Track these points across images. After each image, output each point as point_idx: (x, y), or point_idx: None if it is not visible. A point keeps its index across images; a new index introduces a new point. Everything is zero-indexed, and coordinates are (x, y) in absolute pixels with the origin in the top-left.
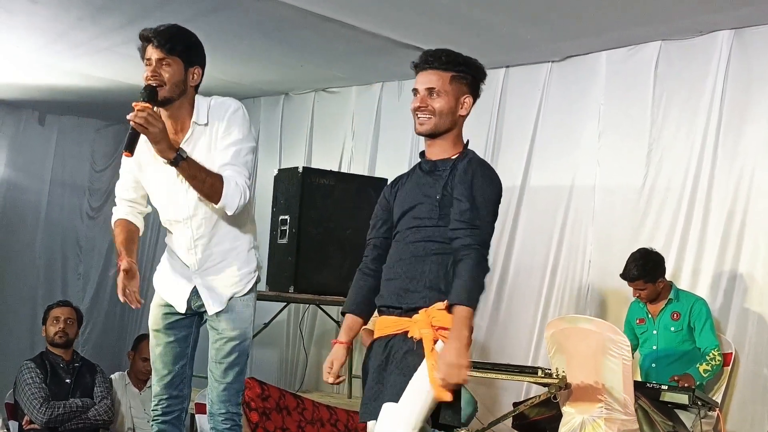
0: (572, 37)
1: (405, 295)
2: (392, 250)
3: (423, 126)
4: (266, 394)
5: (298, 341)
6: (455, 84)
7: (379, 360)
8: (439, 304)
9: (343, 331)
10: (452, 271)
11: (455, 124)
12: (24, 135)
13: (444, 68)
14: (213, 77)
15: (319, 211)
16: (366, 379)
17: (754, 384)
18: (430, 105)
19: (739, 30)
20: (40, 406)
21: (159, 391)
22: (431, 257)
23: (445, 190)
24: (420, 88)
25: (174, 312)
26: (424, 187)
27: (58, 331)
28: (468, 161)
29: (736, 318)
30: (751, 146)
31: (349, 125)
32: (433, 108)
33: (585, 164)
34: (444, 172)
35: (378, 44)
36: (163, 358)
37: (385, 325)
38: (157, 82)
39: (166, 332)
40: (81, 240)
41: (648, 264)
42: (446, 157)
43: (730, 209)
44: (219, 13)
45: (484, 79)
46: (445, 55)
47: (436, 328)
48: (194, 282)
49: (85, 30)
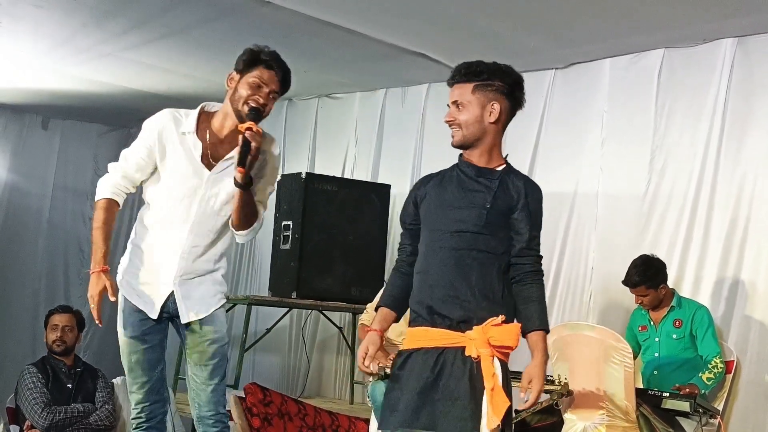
0: (576, 44)
1: (453, 304)
2: (429, 252)
3: (454, 138)
4: (268, 399)
5: (300, 347)
6: (479, 93)
7: (427, 372)
8: (495, 320)
9: (377, 322)
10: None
11: (485, 131)
12: (27, 139)
13: (466, 80)
14: (217, 83)
15: (321, 217)
16: (398, 385)
17: (755, 392)
18: (456, 118)
19: (742, 38)
20: (42, 410)
21: (141, 398)
22: (477, 266)
23: (495, 201)
24: (450, 103)
25: (149, 317)
26: (471, 193)
27: (56, 339)
28: (517, 177)
29: (738, 325)
30: (754, 154)
31: (353, 131)
32: (459, 120)
33: (588, 171)
34: (492, 183)
35: (382, 50)
36: (143, 365)
37: (431, 336)
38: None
39: (144, 338)
40: (83, 245)
41: (650, 270)
42: (491, 167)
43: (732, 216)
44: (222, 20)
45: (516, 82)
46: (465, 68)
47: (494, 346)
48: (172, 288)
49: (90, 35)
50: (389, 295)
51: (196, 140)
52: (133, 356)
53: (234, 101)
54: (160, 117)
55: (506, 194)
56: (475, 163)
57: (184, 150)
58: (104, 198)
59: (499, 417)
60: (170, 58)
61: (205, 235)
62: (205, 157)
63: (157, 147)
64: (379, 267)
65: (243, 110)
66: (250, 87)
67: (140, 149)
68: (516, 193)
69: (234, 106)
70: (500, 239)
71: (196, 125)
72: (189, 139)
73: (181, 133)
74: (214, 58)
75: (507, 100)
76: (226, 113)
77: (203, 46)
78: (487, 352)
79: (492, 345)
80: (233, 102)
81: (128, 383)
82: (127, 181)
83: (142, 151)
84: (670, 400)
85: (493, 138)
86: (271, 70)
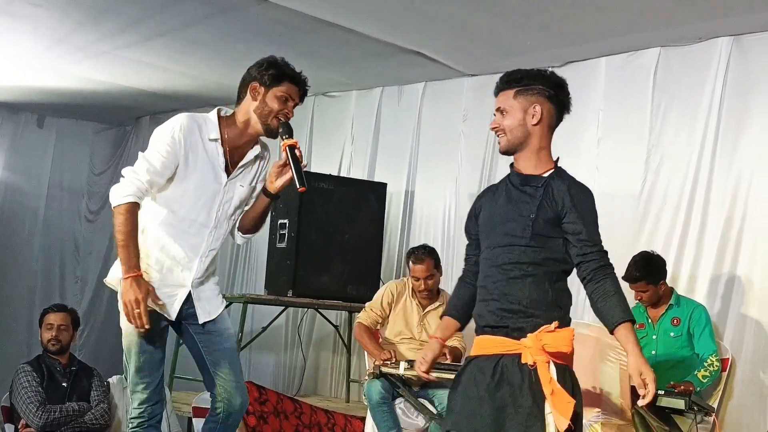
0: (572, 42)
1: (506, 315)
2: (484, 267)
3: (500, 145)
4: (264, 398)
5: (296, 345)
6: (520, 98)
7: (487, 379)
8: (548, 327)
9: (440, 330)
10: (553, 290)
11: (529, 134)
12: (23, 137)
13: (507, 87)
14: (212, 81)
15: (318, 216)
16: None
17: (750, 389)
18: (501, 124)
19: (737, 37)
20: (36, 409)
21: (146, 398)
22: (530, 279)
23: (540, 211)
24: (494, 111)
25: (162, 318)
26: (518, 204)
27: (51, 339)
28: (562, 181)
29: (734, 323)
30: (749, 152)
31: (349, 130)
32: (503, 126)
33: (584, 169)
34: (538, 191)
35: (378, 49)
36: (151, 365)
37: (490, 344)
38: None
39: (154, 339)
40: (79, 243)
41: (650, 266)
42: (537, 174)
43: (728, 215)
44: (218, 17)
45: (557, 84)
46: (507, 75)
47: (548, 353)
48: (190, 290)
49: (86, 33)
50: (453, 305)
51: (219, 146)
52: (143, 356)
53: (262, 115)
54: (183, 121)
55: (551, 201)
56: (521, 170)
57: (209, 156)
58: (129, 202)
59: (567, 417)
60: (167, 56)
61: (221, 239)
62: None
63: (182, 151)
64: (375, 265)
65: (272, 123)
66: (279, 101)
67: (166, 153)
68: (561, 198)
69: (262, 119)
70: (551, 249)
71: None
72: (213, 145)
73: (207, 139)
74: (211, 56)
75: (550, 102)
76: (249, 122)
77: (200, 44)
78: (542, 359)
79: (547, 351)
80: (261, 115)
81: (132, 383)
82: (151, 184)
83: (169, 155)
84: (666, 398)
85: (539, 141)
86: (296, 85)
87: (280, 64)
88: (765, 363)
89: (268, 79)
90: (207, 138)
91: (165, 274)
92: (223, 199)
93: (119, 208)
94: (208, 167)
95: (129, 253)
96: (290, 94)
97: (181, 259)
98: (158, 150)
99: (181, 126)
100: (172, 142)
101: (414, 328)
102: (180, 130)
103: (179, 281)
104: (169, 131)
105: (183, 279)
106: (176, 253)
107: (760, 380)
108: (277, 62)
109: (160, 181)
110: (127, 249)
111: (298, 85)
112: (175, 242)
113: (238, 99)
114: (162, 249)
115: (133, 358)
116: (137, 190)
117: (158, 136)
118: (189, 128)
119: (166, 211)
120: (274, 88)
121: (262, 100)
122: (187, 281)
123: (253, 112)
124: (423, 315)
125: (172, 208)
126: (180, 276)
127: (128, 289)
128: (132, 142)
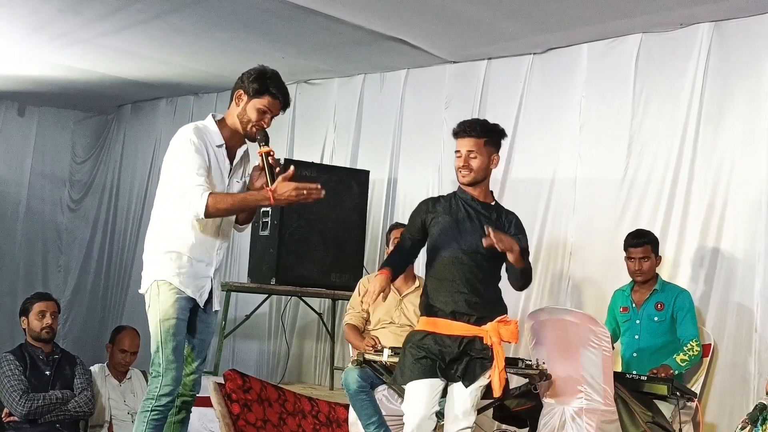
0: (554, 29)
1: (474, 307)
2: (448, 265)
3: (465, 178)
4: (247, 385)
5: (279, 333)
6: (487, 147)
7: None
8: (505, 317)
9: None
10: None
11: (487, 175)
12: (3, 127)
13: (478, 135)
14: (194, 69)
15: (300, 204)
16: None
17: (732, 375)
18: (470, 163)
19: (718, 23)
20: (20, 398)
21: (177, 375)
22: (487, 279)
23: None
24: (462, 150)
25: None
26: (479, 222)
27: (44, 327)
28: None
29: (716, 309)
30: (731, 138)
31: (331, 117)
32: (473, 166)
33: (566, 156)
34: (492, 214)
35: (360, 36)
36: (183, 347)
37: (452, 327)
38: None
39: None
40: (62, 232)
41: (651, 235)
42: (488, 202)
43: (709, 201)
44: (200, 5)
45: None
46: (480, 125)
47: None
48: (211, 279)
49: (66, 21)
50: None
51: (224, 151)
52: (178, 337)
53: (243, 122)
54: (192, 132)
55: (502, 223)
56: (478, 198)
57: (218, 161)
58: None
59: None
60: (147, 44)
61: (230, 233)
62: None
63: (204, 151)
64: (358, 253)
65: (251, 131)
66: (258, 112)
67: (196, 155)
68: (507, 223)
69: (243, 125)
70: (499, 257)
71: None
72: (222, 152)
73: (215, 146)
74: (192, 43)
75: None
76: (235, 126)
77: (180, 31)
78: (497, 341)
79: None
80: (242, 121)
81: (167, 361)
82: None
83: (200, 156)
84: (648, 383)
85: (489, 180)
86: (277, 100)
87: (266, 78)
88: (747, 347)
89: (252, 90)
90: (214, 145)
91: (196, 269)
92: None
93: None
94: (217, 171)
95: (246, 198)
96: (269, 108)
97: (205, 255)
98: (188, 156)
99: (193, 136)
100: (194, 147)
101: (393, 313)
102: (195, 136)
103: (206, 274)
104: (187, 141)
105: (207, 271)
106: (201, 250)
107: (742, 365)
108: (265, 75)
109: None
110: (246, 197)
111: (277, 99)
112: (200, 241)
113: (230, 102)
114: (191, 249)
115: (170, 339)
116: (202, 189)
117: (179, 149)
118: (199, 137)
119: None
120: (255, 99)
121: (243, 108)
122: (210, 272)
123: (236, 116)
124: (400, 299)
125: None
126: (205, 270)
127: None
128: (114, 131)
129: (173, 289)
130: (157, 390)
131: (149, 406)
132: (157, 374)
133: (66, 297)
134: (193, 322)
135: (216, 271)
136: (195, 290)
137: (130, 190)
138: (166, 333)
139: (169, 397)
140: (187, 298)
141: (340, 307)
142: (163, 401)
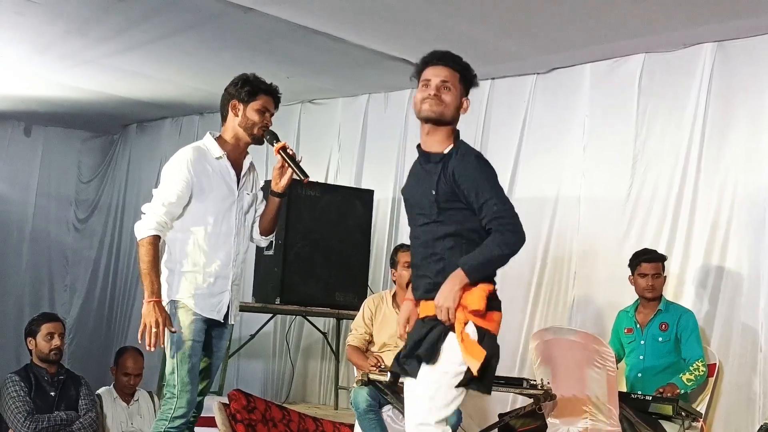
0: (557, 49)
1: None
2: (413, 247)
3: (432, 108)
4: (252, 405)
5: (284, 353)
6: (461, 84)
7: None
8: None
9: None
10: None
11: (455, 119)
12: (10, 146)
13: (454, 67)
14: (199, 89)
15: (305, 223)
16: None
17: (738, 395)
18: (442, 95)
19: (722, 43)
20: (24, 419)
21: (192, 398)
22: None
23: (438, 186)
24: (434, 79)
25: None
26: (422, 182)
27: (54, 348)
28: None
29: (721, 328)
30: (734, 157)
31: (336, 137)
32: (444, 100)
33: (570, 176)
34: (437, 167)
35: (364, 56)
36: (198, 369)
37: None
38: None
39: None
40: (67, 252)
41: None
42: (438, 151)
43: (714, 221)
44: (205, 26)
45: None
46: (453, 57)
47: (467, 310)
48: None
49: (72, 42)
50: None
51: (225, 161)
52: (194, 359)
53: (246, 128)
54: (188, 154)
55: (446, 175)
56: (427, 149)
57: (221, 173)
58: (151, 235)
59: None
60: (152, 65)
61: (245, 242)
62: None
63: (193, 179)
64: (362, 272)
65: (257, 133)
66: (258, 114)
67: (179, 185)
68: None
69: (247, 131)
70: (460, 221)
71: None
72: (223, 162)
73: (214, 159)
74: (197, 64)
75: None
76: (238, 136)
77: (185, 52)
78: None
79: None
80: (245, 128)
81: (182, 384)
82: (170, 216)
83: (182, 187)
84: (654, 404)
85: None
86: (270, 95)
87: (253, 80)
88: (752, 367)
89: (245, 96)
90: (213, 158)
91: (211, 288)
92: (237, 207)
93: (143, 241)
94: (222, 183)
95: (152, 280)
96: (267, 106)
97: (221, 270)
98: (172, 182)
99: (187, 159)
100: (180, 173)
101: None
102: (187, 163)
103: (223, 288)
104: (178, 166)
105: (224, 285)
106: (216, 265)
107: (747, 385)
108: (250, 79)
109: (176, 211)
110: (150, 276)
111: (271, 95)
112: (213, 256)
113: (223, 118)
114: (205, 265)
115: (186, 361)
116: (157, 225)
117: (169, 171)
118: (195, 159)
119: (201, 231)
120: (251, 103)
121: (243, 115)
122: (227, 286)
123: (239, 126)
124: None
125: (203, 226)
126: (221, 284)
127: (151, 311)
128: (119, 150)
129: (189, 311)
130: (171, 412)
131: (162, 427)
132: (171, 395)
133: (72, 317)
134: (209, 343)
135: (234, 284)
136: (212, 309)
137: (136, 209)
138: (182, 355)
139: (183, 420)
140: (203, 320)
141: (345, 326)
142: (177, 423)
